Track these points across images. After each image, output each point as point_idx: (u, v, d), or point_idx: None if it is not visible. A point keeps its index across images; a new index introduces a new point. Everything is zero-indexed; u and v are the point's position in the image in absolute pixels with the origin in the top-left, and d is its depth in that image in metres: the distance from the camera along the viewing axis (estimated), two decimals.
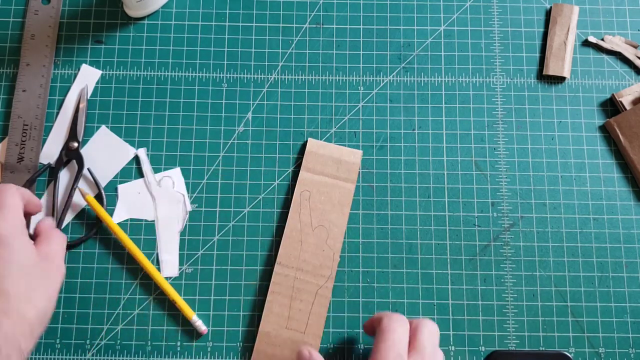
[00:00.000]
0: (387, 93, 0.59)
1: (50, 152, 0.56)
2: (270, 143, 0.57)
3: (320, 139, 0.57)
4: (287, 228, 0.48)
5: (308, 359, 0.44)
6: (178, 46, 0.59)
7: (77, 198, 0.55)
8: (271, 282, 0.48)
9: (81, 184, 0.55)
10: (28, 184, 0.53)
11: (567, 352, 0.52)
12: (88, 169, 0.55)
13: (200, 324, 0.52)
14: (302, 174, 0.49)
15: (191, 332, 0.53)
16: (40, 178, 0.56)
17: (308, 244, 0.48)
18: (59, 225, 0.53)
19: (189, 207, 0.55)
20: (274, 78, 0.59)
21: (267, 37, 0.60)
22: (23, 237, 0.43)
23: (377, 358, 0.41)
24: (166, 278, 0.54)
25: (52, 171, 0.55)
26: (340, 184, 0.48)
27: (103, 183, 0.56)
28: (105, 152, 0.56)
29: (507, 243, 0.55)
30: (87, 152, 0.57)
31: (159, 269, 0.54)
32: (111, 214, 0.55)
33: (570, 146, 0.57)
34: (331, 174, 0.49)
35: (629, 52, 0.59)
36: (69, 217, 0.55)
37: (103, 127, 0.57)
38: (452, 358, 0.53)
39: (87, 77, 0.58)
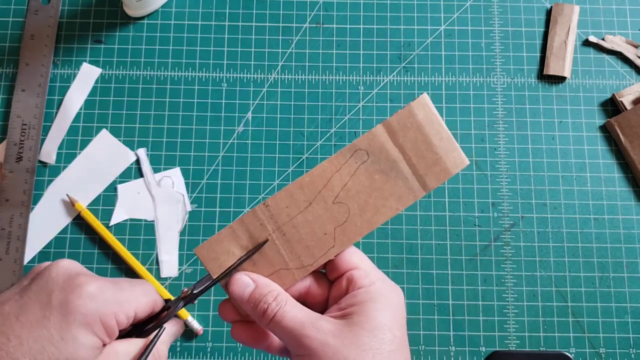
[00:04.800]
0: (387, 93, 0.58)
1: (48, 151, 0.56)
2: (270, 143, 0.57)
3: (320, 139, 0.57)
4: (307, 176, 0.33)
5: (247, 286, 0.32)
6: (178, 46, 0.59)
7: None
8: (242, 216, 0.33)
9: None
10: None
11: (568, 353, 0.52)
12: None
13: (195, 325, 0.52)
14: (379, 130, 0.32)
15: (191, 332, 0.53)
16: (39, 178, 0.56)
17: (314, 213, 0.33)
18: None
19: (189, 207, 0.55)
20: (274, 78, 0.59)
21: (267, 37, 0.60)
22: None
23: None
24: (165, 278, 0.54)
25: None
26: (410, 178, 0.33)
27: (103, 186, 0.56)
28: (106, 156, 0.56)
29: (507, 243, 0.55)
30: (87, 155, 0.56)
31: (157, 270, 0.54)
32: (110, 215, 0.55)
33: (571, 146, 0.57)
34: (411, 157, 0.33)
35: (630, 52, 0.59)
36: (66, 221, 0.55)
37: (103, 130, 0.57)
38: (452, 358, 0.53)
39: (88, 75, 0.58)
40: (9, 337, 0.27)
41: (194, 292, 0.33)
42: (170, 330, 0.34)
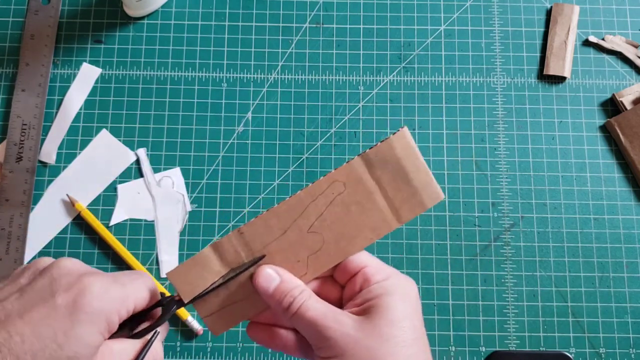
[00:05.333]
0: (387, 93, 0.58)
1: (48, 151, 0.56)
2: (270, 143, 0.57)
3: (320, 139, 0.57)
4: (284, 204, 0.33)
5: (274, 279, 0.32)
6: (178, 46, 0.59)
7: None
8: (216, 241, 0.33)
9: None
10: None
11: (568, 353, 0.52)
12: None
13: (195, 325, 0.52)
14: (357, 162, 0.33)
15: (191, 332, 0.53)
16: (39, 178, 0.56)
17: (289, 241, 0.33)
18: None
19: (189, 207, 0.55)
20: (274, 78, 0.59)
21: (267, 37, 0.60)
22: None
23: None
24: (166, 278, 0.54)
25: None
26: (385, 210, 0.33)
27: (103, 186, 0.56)
28: (106, 156, 0.56)
29: (507, 243, 0.55)
30: (87, 155, 0.56)
31: (157, 270, 0.54)
32: (110, 215, 0.55)
33: (571, 146, 0.57)
34: (387, 190, 0.33)
35: (630, 52, 0.59)
36: (66, 221, 0.55)
37: (104, 130, 0.57)
38: (452, 358, 0.53)
39: (88, 75, 0.58)
40: (10, 334, 0.27)
41: None
42: (161, 329, 0.34)
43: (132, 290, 0.32)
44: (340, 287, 0.35)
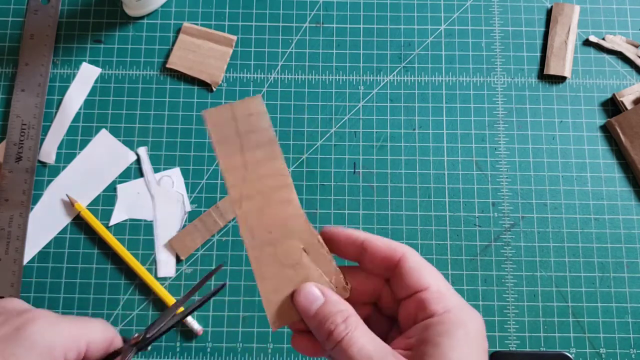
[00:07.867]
0: (387, 92, 0.58)
1: (48, 151, 0.56)
2: None
3: (320, 139, 0.57)
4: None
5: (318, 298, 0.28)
6: None
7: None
8: (200, 217, 0.36)
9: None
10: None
11: (568, 353, 0.52)
12: None
13: (195, 325, 0.52)
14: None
15: (191, 332, 0.52)
16: (39, 178, 0.56)
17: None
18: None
19: (188, 207, 0.55)
20: (274, 78, 0.59)
21: (266, 37, 0.60)
22: None
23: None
24: (165, 278, 0.54)
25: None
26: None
27: (103, 186, 0.56)
28: (105, 156, 0.56)
29: (507, 243, 0.55)
30: (87, 155, 0.56)
31: (156, 270, 0.54)
32: (110, 215, 0.55)
33: (571, 146, 0.57)
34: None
35: (630, 52, 0.59)
36: (66, 221, 0.55)
37: (103, 130, 0.57)
38: None
39: (87, 75, 0.58)
40: None
41: (147, 336, 0.32)
42: None
43: (85, 331, 0.30)
44: (390, 320, 0.30)
